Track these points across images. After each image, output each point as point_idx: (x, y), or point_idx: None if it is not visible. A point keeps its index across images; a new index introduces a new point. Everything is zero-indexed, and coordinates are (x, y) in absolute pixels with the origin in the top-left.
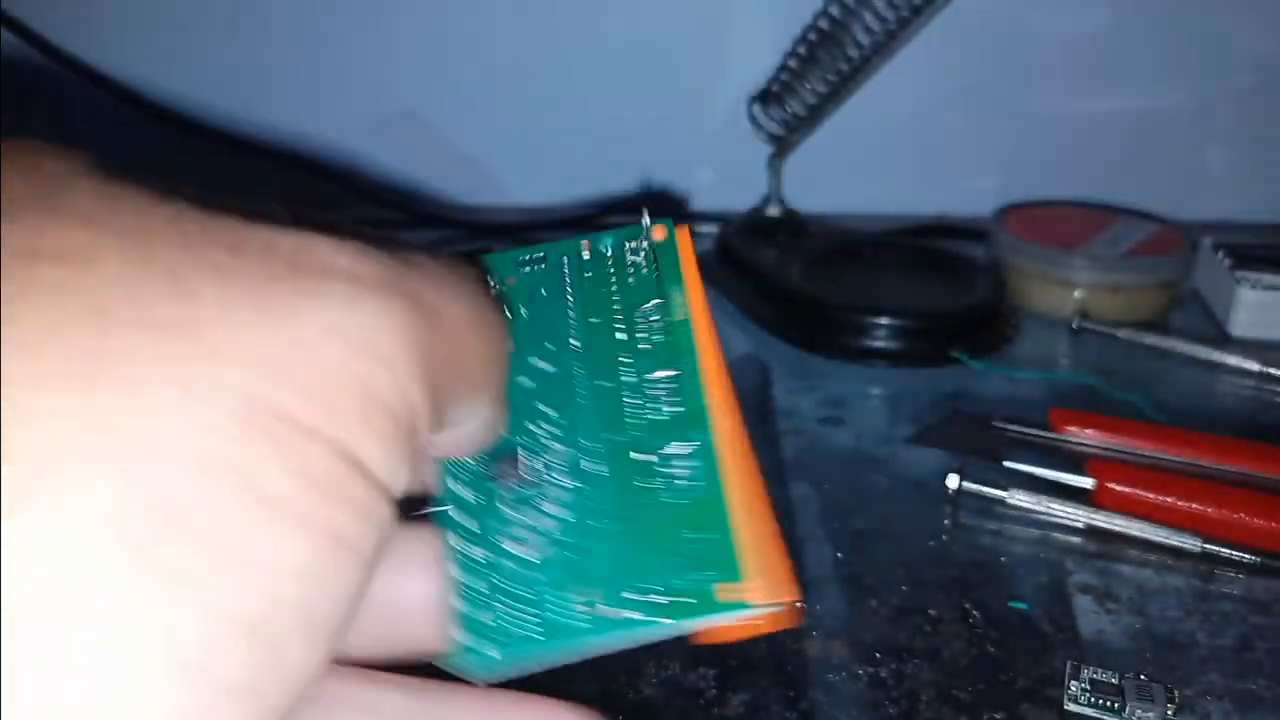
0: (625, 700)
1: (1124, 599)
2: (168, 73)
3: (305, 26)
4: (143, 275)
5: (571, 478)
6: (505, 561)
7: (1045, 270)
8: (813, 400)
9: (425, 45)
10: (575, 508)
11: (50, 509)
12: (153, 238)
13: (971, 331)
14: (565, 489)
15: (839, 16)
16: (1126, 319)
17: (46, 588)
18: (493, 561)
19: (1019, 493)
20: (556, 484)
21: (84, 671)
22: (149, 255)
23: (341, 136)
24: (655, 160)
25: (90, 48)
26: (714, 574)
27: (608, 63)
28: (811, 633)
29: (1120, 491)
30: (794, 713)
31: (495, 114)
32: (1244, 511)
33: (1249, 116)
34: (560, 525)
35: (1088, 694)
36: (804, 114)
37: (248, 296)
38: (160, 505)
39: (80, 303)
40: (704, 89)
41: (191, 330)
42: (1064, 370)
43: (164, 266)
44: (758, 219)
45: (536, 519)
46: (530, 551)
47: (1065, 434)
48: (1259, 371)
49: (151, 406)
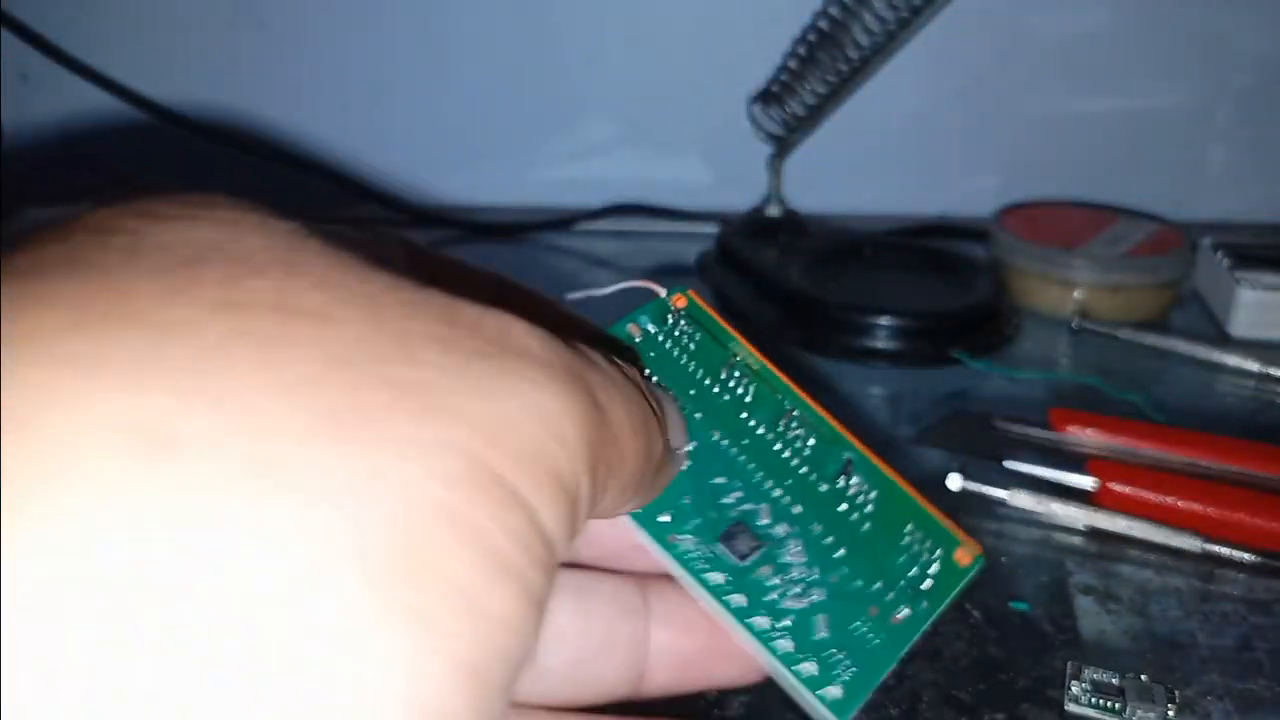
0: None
1: (1125, 599)
2: (168, 73)
3: (305, 26)
4: (376, 337)
5: (789, 525)
6: (801, 618)
7: (1045, 270)
8: None
9: (425, 45)
10: (810, 549)
11: (303, 549)
12: (379, 303)
13: (971, 331)
14: (789, 538)
15: (839, 17)
16: (1126, 319)
17: (300, 632)
18: (792, 623)
19: (1020, 493)
20: (780, 537)
21: (330, 711)
22: (379, 319)
23: (342, 136)
24: (655, 160)
25: (90, 48)
26: (943, 550)
27: (608, 62)
28: None
29: (1121, 492)
30: (794, 713)
31: (495, 114)
32: (1244, 511)
33: (1249, 116)
34: (809, 568)
35: (1089, 694)
36: (804, 114)
37: (464, 367)
38: (409, 550)
39: (328, 356)
40: (703, 89)
41: (423, 391)
42: (1064, 370)
43: (392, 331)
44: (758, 219)
45: (792, 572)
46: (812, 599)
47: (1066, 434)
48: (1259, 371)
49: (400, 457)
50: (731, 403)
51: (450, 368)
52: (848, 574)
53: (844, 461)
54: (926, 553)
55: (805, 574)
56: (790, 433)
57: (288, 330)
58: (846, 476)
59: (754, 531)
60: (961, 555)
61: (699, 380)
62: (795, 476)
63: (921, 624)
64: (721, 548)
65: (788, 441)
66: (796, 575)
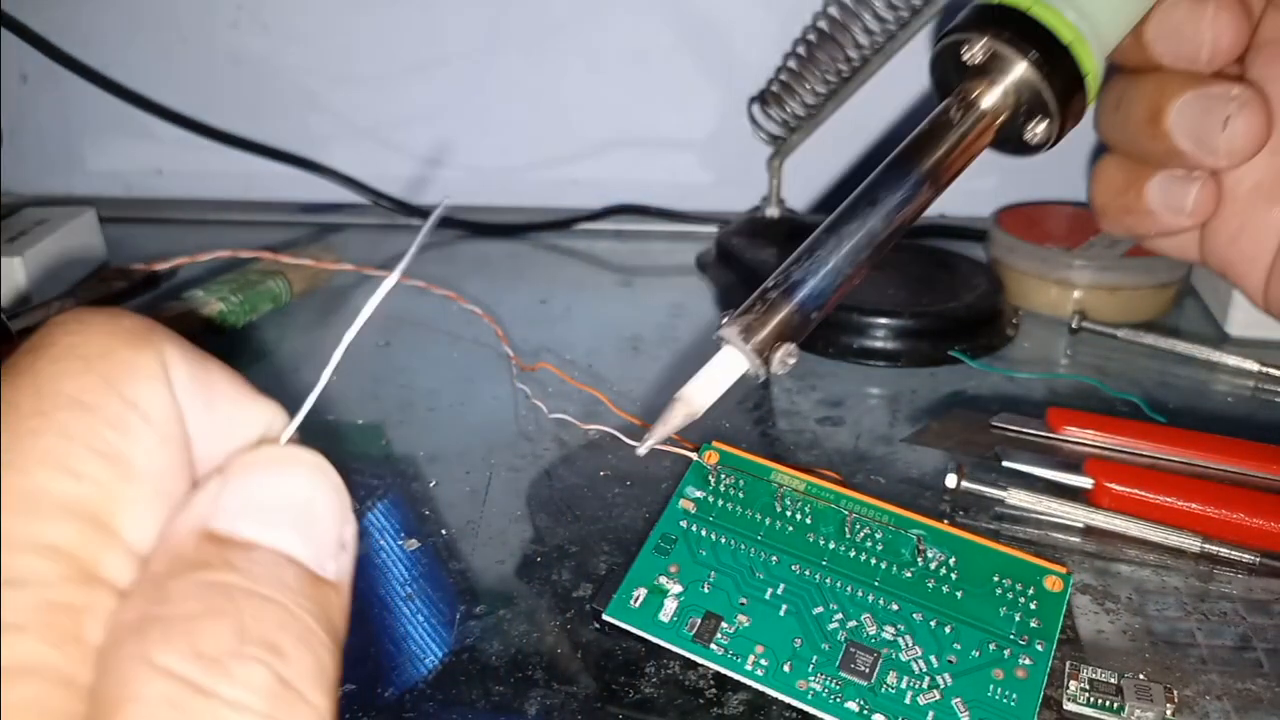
0: (625, 700)
1: (1123, 599)
2: (168, 73)
3: (305, 27)
4: None
5: (894, 625)
6: (940, 710)
7: (1044, 270)
8: (812, 400)
9: (425, 45)
10: (920, 639)
11: None
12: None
13: (971, 331)
14: (898, 637)
15: (838, 17)
16: (1125, 319)
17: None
18: (934, 718)
19: (1018, 492)
20: (891, 640)
21: None
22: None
23: (342, 136)
24: (654, 160)
25: (90, 48)
26: (1035, 585)
27: (607, 63)
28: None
29: (1118, 491)
30: (793, 713)
31: (495, 113)
32: (1243, 511)
33: None
34: (927, 659)
35: (1087, 694)
36: (803, 114)
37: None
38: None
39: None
40: (703, 89)
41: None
42: (1063, 370)
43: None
44: (756, 220)
45: (913, 667)
46: (941, 688)
47: (1064, 434)
48: (1258, 371)
49: None
50: (797, 530)
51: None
52: (962, 649)
53: (915, 541)
54: (1022, 595)
55: (926, 666)
56: (858, 535)
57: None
58: (923, 554)
59: (866, 644)
60: (1052, 582)
61: (761, 522)
62: (880, 574)
63: (1045, 667)
64: (845, 674)
65: (859, 545)
66: (919, 670)
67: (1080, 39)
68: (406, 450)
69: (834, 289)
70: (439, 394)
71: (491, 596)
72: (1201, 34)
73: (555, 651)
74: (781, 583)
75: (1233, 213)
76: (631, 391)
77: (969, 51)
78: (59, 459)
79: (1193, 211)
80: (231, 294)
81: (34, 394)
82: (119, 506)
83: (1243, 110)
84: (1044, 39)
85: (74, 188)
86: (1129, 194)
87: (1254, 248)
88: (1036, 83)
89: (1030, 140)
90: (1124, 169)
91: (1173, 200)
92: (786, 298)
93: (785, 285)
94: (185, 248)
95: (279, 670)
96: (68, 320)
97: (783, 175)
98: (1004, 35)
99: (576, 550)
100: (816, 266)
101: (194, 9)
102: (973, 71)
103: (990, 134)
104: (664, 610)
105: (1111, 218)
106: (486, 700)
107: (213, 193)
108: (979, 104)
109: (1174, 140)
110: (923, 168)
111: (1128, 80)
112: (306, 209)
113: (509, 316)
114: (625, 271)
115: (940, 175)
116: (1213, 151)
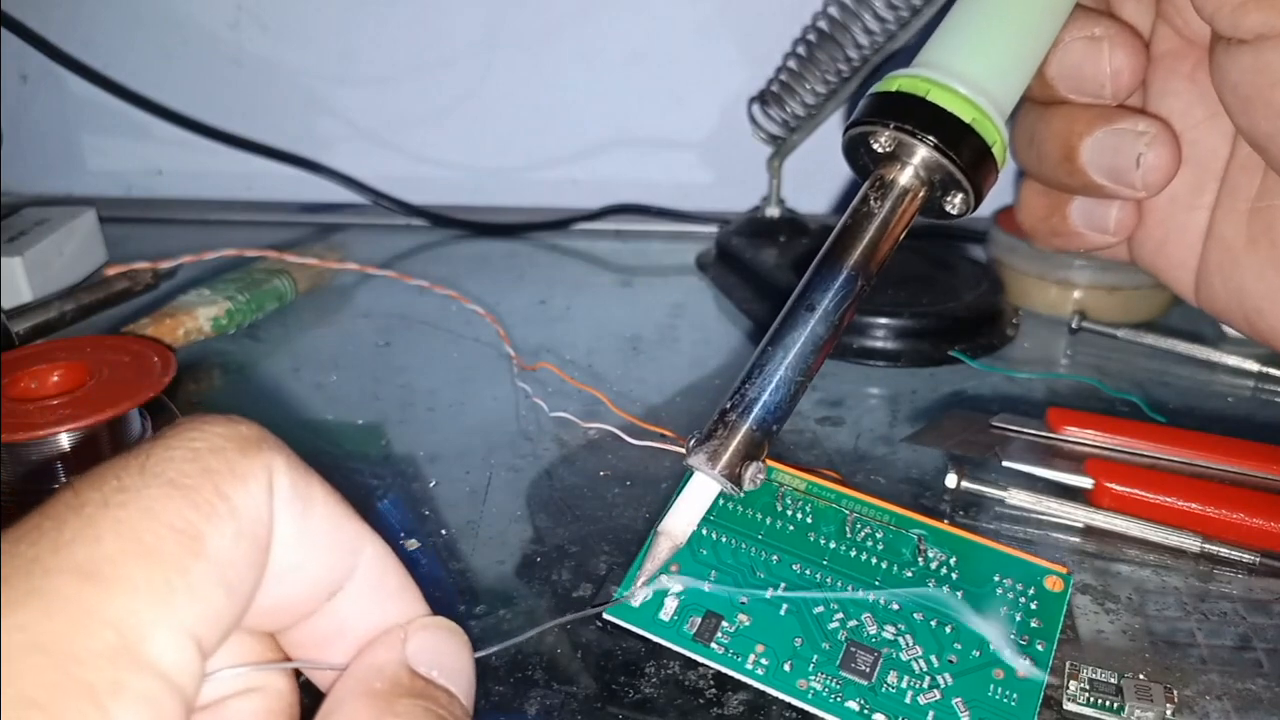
0: (625, 700)
1: (1123, 599)
2: (168, 73)
3: (306, 27)
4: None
5: (894, 624)
6: (940, 710)
7: (1044, 270)
8: (812, 400)
9: (425, 45)
10: (920, 638)
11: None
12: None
13: (971, 331)
14: (898, 636)
15: (838, 17)
16: (1125, 319)
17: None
18: (934, 717)
19: (1018, 492)
20: (891, 639)
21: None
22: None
23: (342, 136)
24: (654, 160)
25: (90, 48)
26: (1035, 585)
27: (607, 63)
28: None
29: (1118, 491)
30: (794, 712)
31: (496, 113)
32: (1243, 511)
33: None
34: (927, 658)
35: (1087, 694)
36: (803, 114)
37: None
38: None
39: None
40: (703, 89)
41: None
42: (1063, 370)
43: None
44: (756, 220)
45: (914, 667)
46: (941, 687)
47: (1064, 434)
48: (1257, 371)
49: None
50: (798, 530)
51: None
52: (962, 648)
53: (916, 540)
54: (1022, 595)
55: (926, 665)
56: (859, 535)
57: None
58: (923, 554)
59: (867, 644)
60: (1053, 582)
61: (762, 521)
62: (880, 574)
63: (1045, 667)
64: (845, 674)
65: (860, 545)
66: (919, 670)
67: (981, 114)
68: (406, 450)
69: (789, 399)
70: (439, 394)
71: (491, 596)
72: (1101, 72)
73: (555, 651)
74: (782, 582)
75: (1155, 223)
76: (631, 391)
77: (877, 141)
78: (132, 530)
79: (1115, 230)
80: (238, 293)
81: (138, 472)
82: (181, 581)
83: (1153, 145)
84: (946, 120)
85: (74, 188)
86: (1053, 218)
87: (1180, 252)
88: (945, 163)
89: (950, 211)
90: (1045, 195)
91: (1095, 222)
92: (744, 417)
93: (742, 406)
94: (185, 248)
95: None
96: (195, 419)
97: (783, 175)
98: (906, 127)
99: (576, 550)
100: (767, 382)
101: (194, 9)
102: (884, 157)
103: (911, 214)
104: (664, 609)
105: (1041, 239)
106: (486, 700)
107: (213, 193)
108: (894, 187)
109: (1090, 177)
110: (852, 262)
111: (1037, 114)
112: (306, 209)
113: (509, 316)
114: (625, 271)
115: (870, 265)
116: (1129, 186)
